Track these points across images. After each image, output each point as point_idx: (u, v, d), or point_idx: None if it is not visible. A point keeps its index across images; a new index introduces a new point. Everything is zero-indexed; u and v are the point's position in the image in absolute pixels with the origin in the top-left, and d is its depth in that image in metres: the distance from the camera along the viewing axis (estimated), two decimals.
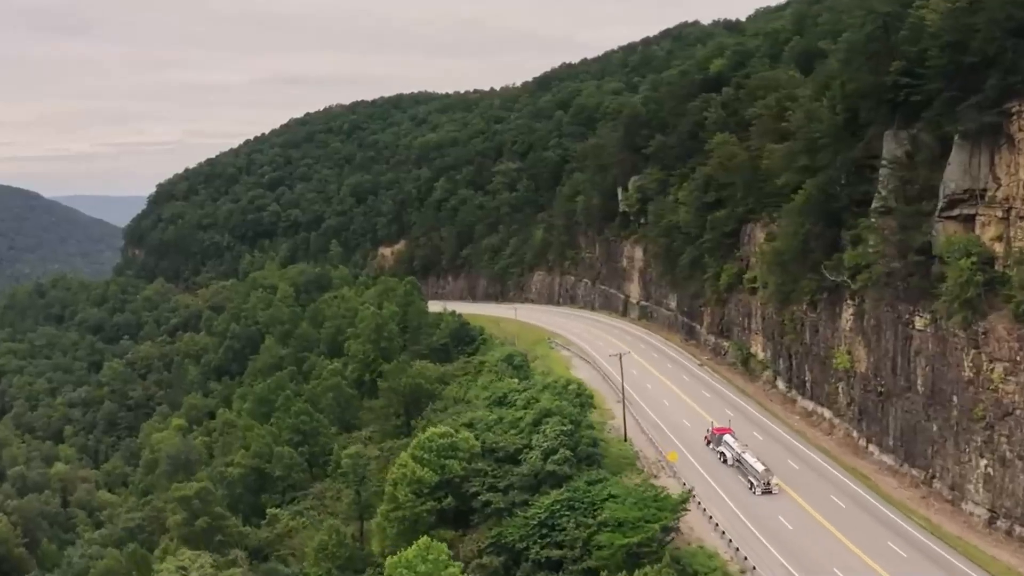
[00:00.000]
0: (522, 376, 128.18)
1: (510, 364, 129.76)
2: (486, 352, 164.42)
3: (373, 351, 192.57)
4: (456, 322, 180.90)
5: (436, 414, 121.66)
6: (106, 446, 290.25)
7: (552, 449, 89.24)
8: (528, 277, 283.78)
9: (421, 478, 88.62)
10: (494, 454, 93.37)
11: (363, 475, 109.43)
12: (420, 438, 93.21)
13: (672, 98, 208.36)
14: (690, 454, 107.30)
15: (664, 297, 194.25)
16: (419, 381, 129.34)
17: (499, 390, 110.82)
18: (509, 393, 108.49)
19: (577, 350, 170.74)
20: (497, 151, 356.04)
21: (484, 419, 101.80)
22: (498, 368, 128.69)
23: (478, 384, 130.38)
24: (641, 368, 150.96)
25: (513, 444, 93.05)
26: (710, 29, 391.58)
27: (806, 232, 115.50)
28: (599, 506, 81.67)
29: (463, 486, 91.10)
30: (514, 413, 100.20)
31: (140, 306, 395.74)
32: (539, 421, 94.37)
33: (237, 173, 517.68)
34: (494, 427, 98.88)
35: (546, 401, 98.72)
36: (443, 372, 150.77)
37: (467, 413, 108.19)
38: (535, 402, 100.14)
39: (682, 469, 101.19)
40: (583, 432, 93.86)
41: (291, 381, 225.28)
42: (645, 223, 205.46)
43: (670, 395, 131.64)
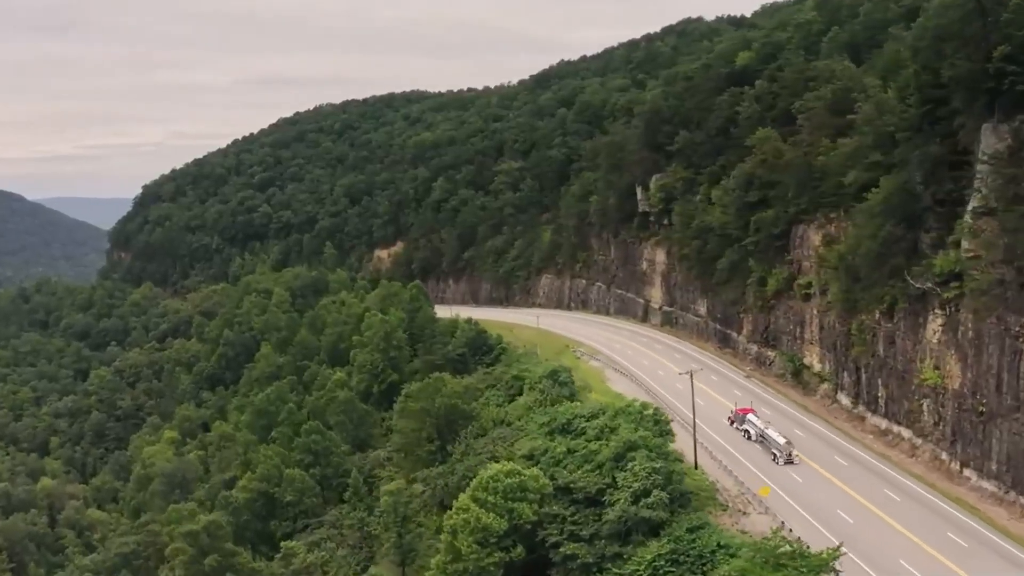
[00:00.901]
0: (568, 394, 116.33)
1: (555, 381, 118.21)
2: (510, 363, 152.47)
3: (382, 361, 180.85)
4: (473, 330, 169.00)
5: (477, 440, 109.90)
6: (94, 458, 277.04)
7: (644, 490, 77.47)
8: (535, 280, 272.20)
9: (487, 526, 76.68)
10: (570, 495, 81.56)
11: (405, 514, 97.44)
12: (482, 477, 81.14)
13: (697, 93, 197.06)
14: (768, 478, 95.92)
15: (692, 303, 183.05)
16: (454, 401, 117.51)
17: (560, 415, 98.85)
18: (574, 419, 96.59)
19: (606, 360, 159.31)
20: (497, 150, 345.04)
21: (550, 451, 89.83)
22: (542, 386, 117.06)
23: (520, 403, 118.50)
24: (684, 382, 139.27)
25: (594, 484, 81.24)
26: (715, 25, 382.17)
27: (885, 235, 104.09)
28: (708, 559, 70.00)
29: (536, 534, 79.29)
30: (588, 445, 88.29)
31: (127, 311, 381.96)
32: (622, 455, 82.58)
33: (226, 173, 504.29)
34: (564, 462, 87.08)
35: (625, 431, 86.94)
36: (466, 386, 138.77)
37: (523, 442, 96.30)
38: (611, 431, 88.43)
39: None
40: (672, 466, 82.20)
41: (291, 391, 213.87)
42: (669, 224, 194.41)
43: (726, 412, 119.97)
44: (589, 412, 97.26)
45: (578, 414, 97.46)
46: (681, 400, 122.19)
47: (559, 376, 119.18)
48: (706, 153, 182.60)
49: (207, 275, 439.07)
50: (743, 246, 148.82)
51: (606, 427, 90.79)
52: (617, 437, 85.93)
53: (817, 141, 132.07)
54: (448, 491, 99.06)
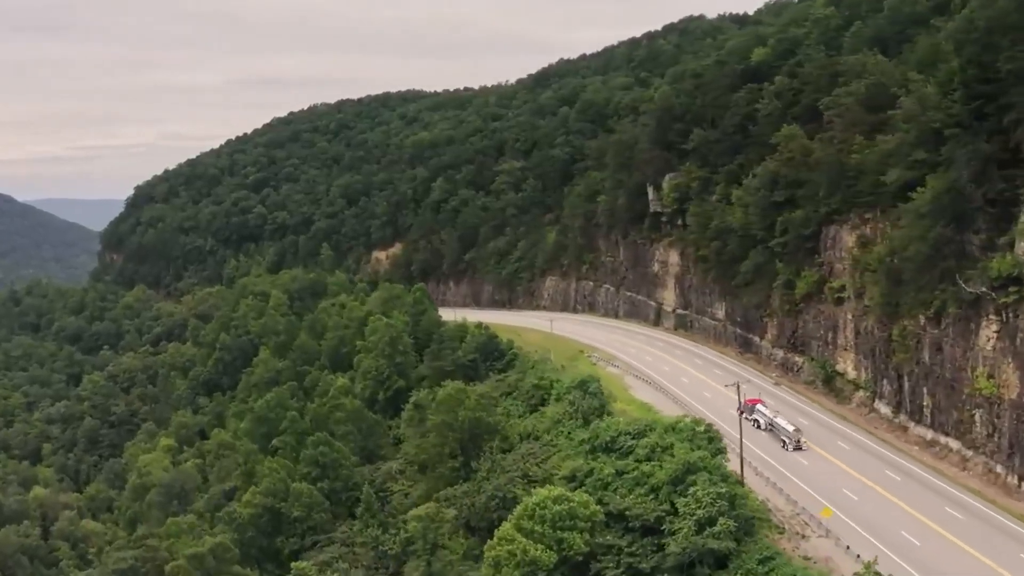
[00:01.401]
0: (598, 405, 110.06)
1: (585, 392, 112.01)
2: (524, 370, 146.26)
3: (387, 367, 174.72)
4: (483, 335, 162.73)
5: (504, 456, 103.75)
6: (87, 466, 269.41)
7: (709, 518, 71.51)
8: (539, 282, 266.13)
9: (535, 559, 70.50)
10: (624, 523, 75.52)
11: (435, 541, 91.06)
12: (527, 504, 74.82)
13: (711, 90, 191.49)
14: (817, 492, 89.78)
15: (708, 306, 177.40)
16: (479, 414, 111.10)
17: (602, 432, 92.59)
18: (618, 437, 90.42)
19: (625, 366, 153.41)
20: (498, 149, 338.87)
21: (596, 473, 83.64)
22: (572, 397, 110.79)
23: (547, 415, 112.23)
24: (711, 389, 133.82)
25: (651, 510, 75.16)
26: (717, 23, 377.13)
27: (935, 236, 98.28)
28: None
29: (589, 567, 73.20)
30: (639, 466, 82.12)
31: (120, 314, 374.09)
32: (680, 479, 76.48)
33: (219, 174, 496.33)
34: (614, 485, 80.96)
35: (681, 451, 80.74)
36: (480, 395, 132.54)
37: (562, 461, 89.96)
38: (662, 451, 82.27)
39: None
40: (734, 489, 76.10)
41: (292, 397, 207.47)
42: (683, 225, 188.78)
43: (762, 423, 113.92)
44: (635, 429, 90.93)
45: (623, 431, 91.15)
46: (712, 410, 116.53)
47: (588, 386, 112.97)
48: (722, 151, 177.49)
49: (201, 277, 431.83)
50: (769, 247, 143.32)
51: (657, 446, 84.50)
52: (673, 458, 79.68)
53: (850, 138, 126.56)
54: (475, 511, 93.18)
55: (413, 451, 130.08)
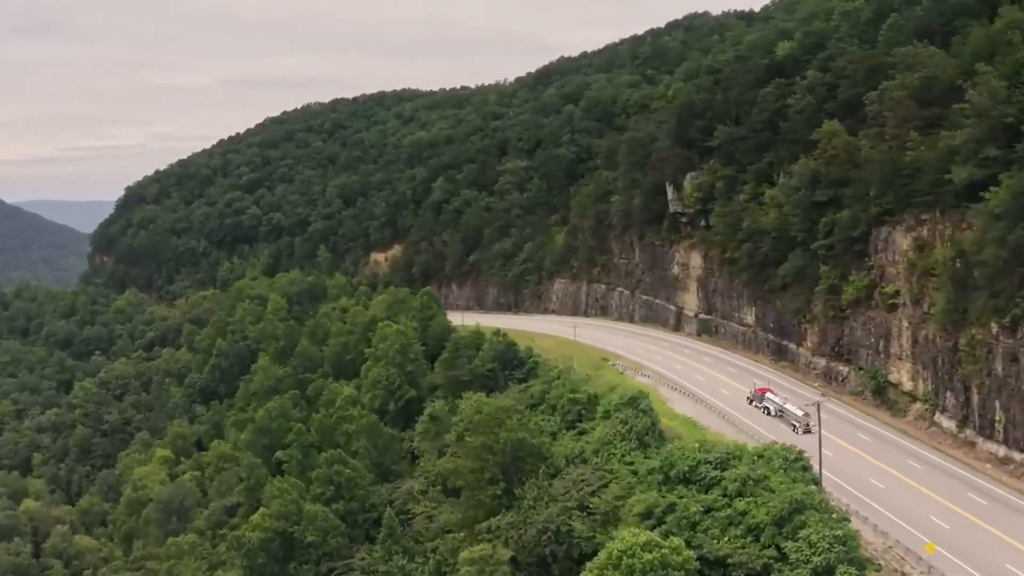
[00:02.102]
0: (651, 424, 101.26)
1: (635, 408, 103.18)
2: (550, 380, 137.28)
3: (398, 376, 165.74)
4: (502, 343, 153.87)
5: (552, 483, 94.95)
6: (79, 476, 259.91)
7: (827, 566, 63.08)
8: (547, 285, 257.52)
9: None
10: (722, 570, 67.04)
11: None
12: (612, 551, 65.96)
13: (735, 85, 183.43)
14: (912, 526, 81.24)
15: (736, 310, 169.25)
16: (522, 436, 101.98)
17: (678, 460, 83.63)
18: (698, 466, 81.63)
19: (656, 376, 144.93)
20: (500, 148, 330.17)
21: (679, 510, 74.76)
22: (624, 416, 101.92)
23: (596, 436, 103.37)
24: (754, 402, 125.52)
25: (755, 557, 66.68)
26: (722, 20, 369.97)
27: (1015, 240, 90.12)
28: None
29: None
30: (732, 503, 73.43)
31: (112, 318, 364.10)
32: (786, 518, 67.91)
33: (212, 174, 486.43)
34: (703, 525, 72.32)
35: (782, 484, 72.03)
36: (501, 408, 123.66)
37: (632, 494, 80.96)
38: (755, 483, 73.62)
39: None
40: (845, 529, 67.56)
41: (294, 407, 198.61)
42: (707, 226, 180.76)
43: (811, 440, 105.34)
44: (717, 457, 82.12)
45: (703, 459, 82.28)
46: (763, 426, 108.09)
47: (639, 403, 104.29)
48: (749, 149, 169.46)
49: (194, 280, 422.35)
50: (810, 250, 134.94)
51: (748, 478, 75.78)
52: (773, 493, 70.97)
53: (903, 134, 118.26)
54: (523, 545, 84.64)
55: (434, 469, 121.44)
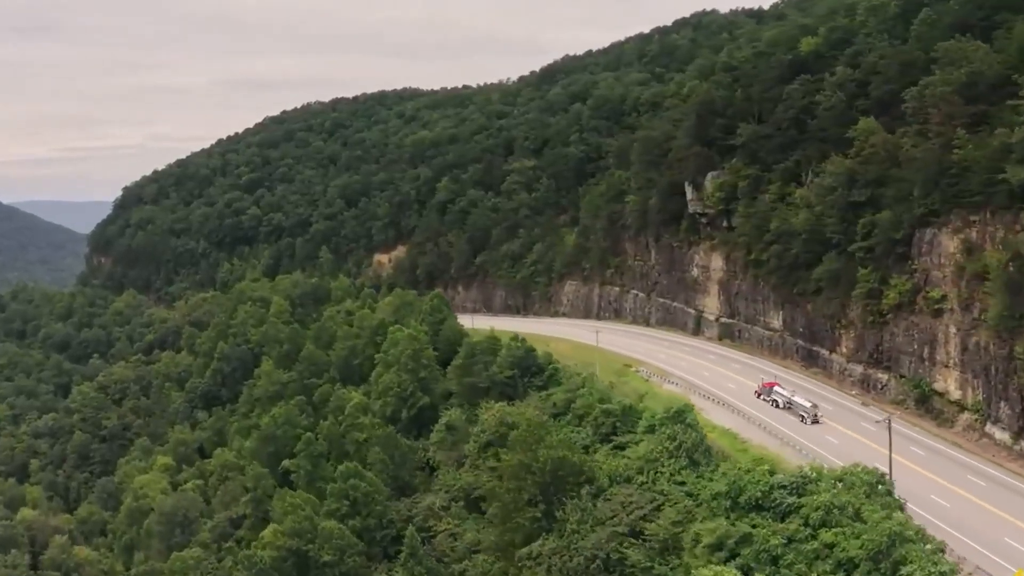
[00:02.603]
0: (698, 439, 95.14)
1: (680, 422, 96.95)
2: (576, 389, 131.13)
3: (411, 382, 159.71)
4: (521, 349, 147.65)
5: (596, 504, 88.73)
6: (78, 483, 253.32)
7: None
8: (557, 287, 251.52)
9: None
10: None
11: None
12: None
13: (758, 82, 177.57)
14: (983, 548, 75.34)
15: (761, 314, 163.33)
16: (563, 453, 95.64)
17: (748, 485, 77.29)
18: (771, 492, 75.39)
19: (684, 384, 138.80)
20: (506, 148, 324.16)
21: (758, 542, 68.64)
22: (671, 431, 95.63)
23: (639, 452, 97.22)
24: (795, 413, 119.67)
25: None
26: (731, 17, 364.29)
27: None
28: None
29: None
30: (818, 535, 67.27)
31: (110, 320, 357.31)
32: (884, 552, 61.88)
33: (211, 174, 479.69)
34: (787, 558, 66.20)
35: (874, 514, 65.81)
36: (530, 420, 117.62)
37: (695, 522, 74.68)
38: (839, 510, 67.42)
39: None
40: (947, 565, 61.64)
41: (300, 414, 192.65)
42: (729, 226, 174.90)
43: (868, 452, 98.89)
44: (792, 481, 75.89)
45: (776, 483, 75.98)
46: (809, 439, 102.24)
47: (685, 417, 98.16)
48: (774, 148, 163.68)
49: (193, 281, 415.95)
50: (848, 252, 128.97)
51: (832, 506, 69.63)
52: (864, 524, 64.90)
53: (949, 132, 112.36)
54: (568, 574, 78.55)
55: (455, 483, 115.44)
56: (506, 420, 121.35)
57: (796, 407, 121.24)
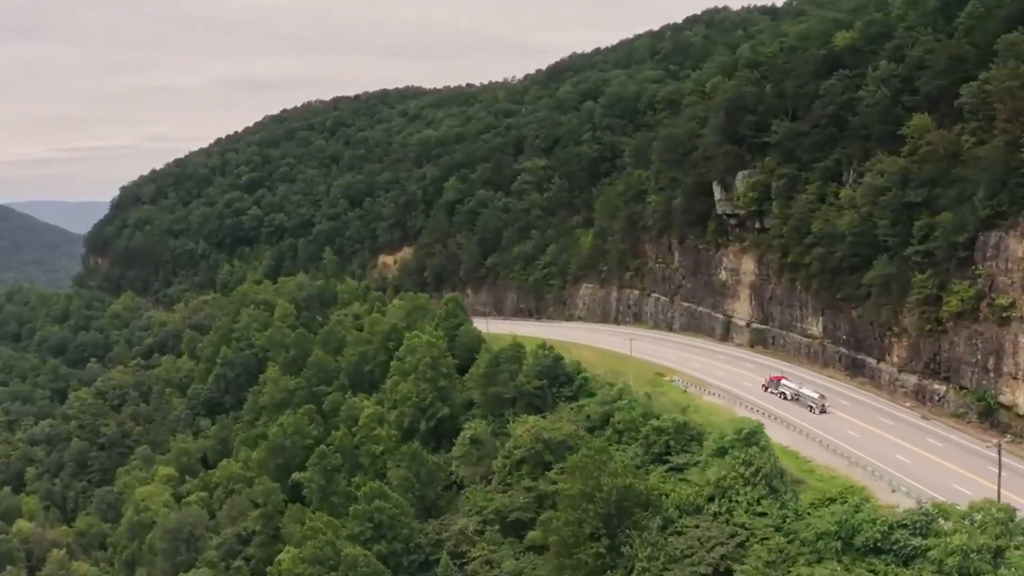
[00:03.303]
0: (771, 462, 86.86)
1: (750, 443, 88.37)
2: (613, 401, 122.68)
3: (430, 392, 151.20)
4: (548, 357, 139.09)
5: (667, 538, 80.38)
6: (75, 493, 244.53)
7: None
8: (572, 290, 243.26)
9: None
10: None
11: None
12: None
13: (792, 78, 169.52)
14: None
15: (798, 320, 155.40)
16: (630, 482, 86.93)
17: (864, 524, 68.92)
18: (892, 532, 66.76)
19: (726, 395, 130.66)
20: (516, 147, 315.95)
21: None
22: (745, 456, 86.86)
23: (710, 478, 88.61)
24: (849, 424, 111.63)
25: None
26: (744, 15, 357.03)
27: None
28: None
29: None
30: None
31: (108, 323, 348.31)
32: None
33: (210, 174, 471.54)
34: None
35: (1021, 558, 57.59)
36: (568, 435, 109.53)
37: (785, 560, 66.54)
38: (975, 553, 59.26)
39: None
40: None
41: (310, 423, 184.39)
42: (761, 228, 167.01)
43: (944, 473, 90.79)
44: (915, 520, 67.69)
45: (896, 523, 67.66)
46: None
47: (758, 438, 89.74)
48: (811, 146, 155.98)
49: (192, 283, 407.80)
50: (902, 256, 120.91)
51: (967, 550, 61.41)
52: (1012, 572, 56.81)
53: (1017, 129, 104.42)
54: None
55: (488, 504, 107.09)
56: (541, 436, 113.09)
57: (804, 399, 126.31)
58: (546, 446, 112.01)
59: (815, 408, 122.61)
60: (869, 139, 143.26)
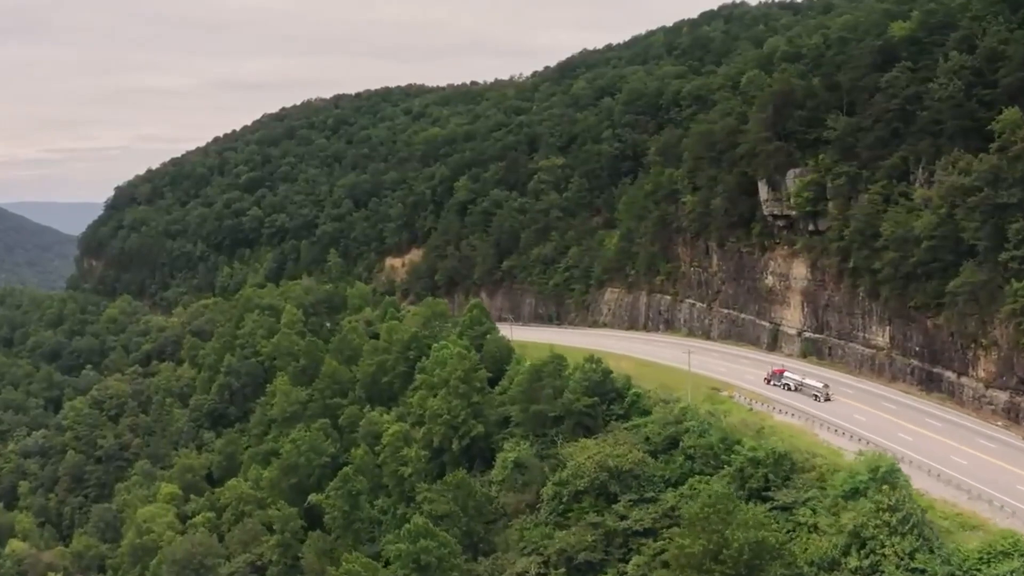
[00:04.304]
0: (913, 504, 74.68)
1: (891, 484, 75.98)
2: (680, 422, 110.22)
3: (462, 408, 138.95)
4: (597, 372, 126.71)
5: None
6: (71, 509, 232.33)
7: None
8: (596, 295, 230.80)
9: None
10: None
11: None
12: None
13: (848, 70, 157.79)
14: None
15: (860, 329, 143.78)
16: (762, 535, 74.27)
17: None
18: None
19: (799, 414, 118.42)
20: (529, 145, 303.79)
21: None
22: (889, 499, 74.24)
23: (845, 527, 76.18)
24: (952, 449, 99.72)
25: None
26: (763, 10, 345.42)
27: None
28: None
29: None
30: None
31: (103, 328, 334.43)
32: None
33: (208, 173, 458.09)
34: None
35: None
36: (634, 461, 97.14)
37: None
38: None
39: None
40: None
41: (325, 439, 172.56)
42: (816, 230, 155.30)
43: None
44: None
45: None
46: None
47: (896, 478, 77.42)
48: (874, 142, 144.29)
49: (190, 286, 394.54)
50: (996, 262, 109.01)
51: None
52: None
53: None
54: None
55: (551, 543, 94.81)
56: (607, 464, 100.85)
57: (807, 388, 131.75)
58: (611, 475, 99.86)
59: (819, 397, 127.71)
60: (940, 135, 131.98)
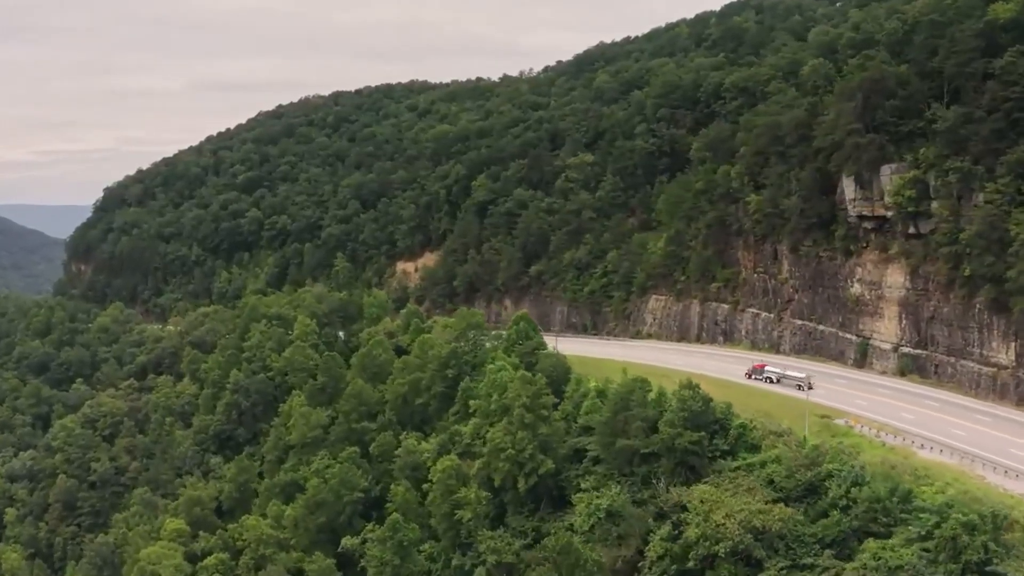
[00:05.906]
0: None
1: None
2: (828, 468, 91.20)
3: (529, 442, 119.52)
4: (698, 401, 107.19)
5: None
6: (63, 540, 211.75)
7: None
8: (638, 303, 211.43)
9: None
10: None
11: None
12: None
13: (952, 55, 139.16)
14: None
15: (975, 345, 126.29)
16: None
17: None
18: None
19: (946, 448, 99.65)
20: (552, 141, 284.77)
21: None
22: None
23: None
24: None
25: None
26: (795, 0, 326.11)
27: None
28: None
29: None
30: None
31: (94, 338, 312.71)
32: None
33: (202, 173, 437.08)
34: None
35: None
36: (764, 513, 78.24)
37: None
38: None
39: None
40: None
41: (357, 470, 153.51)
42: (916, 233, 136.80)
43: None
44: None
45: None
46: None
47: None
48: (990, 135, 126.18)
49: (186, 292, 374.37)
50: None
51: None
52: None
53: None
54: None
55: None
56: (751, 523, 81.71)
57: (788, 379, 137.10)
58: (756, 538, 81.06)
59: (803, 386, 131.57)
60: None
